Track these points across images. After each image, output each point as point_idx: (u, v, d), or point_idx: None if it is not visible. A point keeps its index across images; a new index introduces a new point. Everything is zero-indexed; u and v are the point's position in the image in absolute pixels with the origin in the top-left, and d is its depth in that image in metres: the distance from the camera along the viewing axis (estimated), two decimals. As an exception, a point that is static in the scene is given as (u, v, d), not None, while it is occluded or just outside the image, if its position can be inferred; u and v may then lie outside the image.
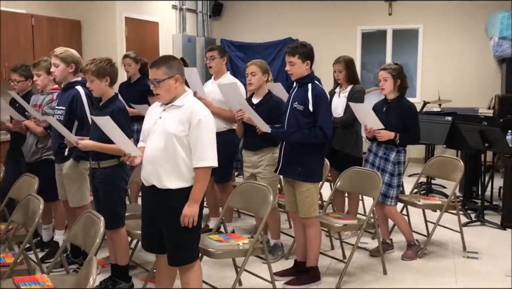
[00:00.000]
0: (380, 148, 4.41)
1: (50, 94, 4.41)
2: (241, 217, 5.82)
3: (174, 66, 3.07)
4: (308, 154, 3.79)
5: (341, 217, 4.30)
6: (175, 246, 3.10)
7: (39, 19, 6.34)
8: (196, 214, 3.03)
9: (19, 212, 3.51)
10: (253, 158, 4.39)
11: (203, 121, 3.00)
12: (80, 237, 3.02)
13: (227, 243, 3.58)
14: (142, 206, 3.32)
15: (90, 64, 3.55)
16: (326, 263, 4.38)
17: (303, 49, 3.78)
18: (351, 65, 4.90)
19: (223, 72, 4.98)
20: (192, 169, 3.03)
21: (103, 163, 3.64)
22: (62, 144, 3.97)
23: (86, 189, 4.10)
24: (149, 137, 3.11)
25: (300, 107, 3.77)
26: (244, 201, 3.86)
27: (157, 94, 3.09)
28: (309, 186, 3.82)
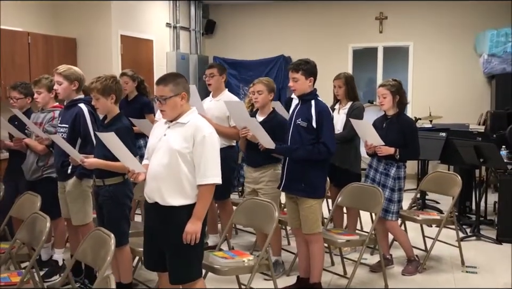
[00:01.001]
0: (380, 164, 4.46)
1: (51, 111, 4.41)
2: (238, 234, 5.82)
3: (180, 84, 3.10)
4: (311, 170, 3.82)
5: (343, 233, 4.34)
6: (177, 264, 3.09)
7: (35, 37, 6.35)
8: (199, 231, 3.03)
9: (24, 230, 3.48)
10: (254, 174, 4.41)
11: (207, 138, 3.02)
12: (90, 255, 3.00)
13: (232, 260, 3.58)
14: (145, 223, 3.31)
15: (96, 82, 3.57)
16: (328, 279, 4.40)
17: (306, 66, 3.84)
18: (350, 81, 4.98)
19: (221, 89, 5.02)
20: (195, 187, 3.03)
21: (108, 180, 3.64)
22: (65, 162, 3.96)
23: (89, 206, 4.09)
24: (154, 154, 3.12)
25: (303, 123, 3.81)
26: (247, 218, 3.87)
27: (162, 111, 3.11)
28: (313, 202, 3.85)
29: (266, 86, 4.38)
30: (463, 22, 8.76)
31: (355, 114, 4.78)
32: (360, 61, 9.57)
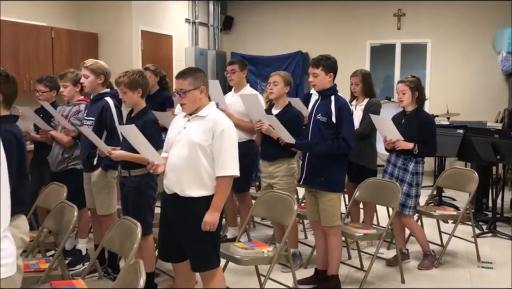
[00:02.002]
0: (398, 159, 4.52)
1: (77, 105, 4.53)
2: (256, 227, 5.90)
3: (199, 78, 3.19)
4: (331, 165, 3.90)
5: (360, 227, 4.41)
6: (197, 253, 3.20)
7: (58, 32, 6.47)
8: (217, 221, 3.14)
9: (51, 220, 3.60)
10: (269, 168, 4.49)
11: (226, 132, 3.11)
12: (117, 243, 3.11)
13: (252, 250, 3.67)
14: (161, 214, 3.40)
15: (123, 76, 3.68)
16: (345, 272, 4.47)
17: (326, 61, 3.91)
18: (368, 78, 5.03)
19: (243, 84, 5.10)
20: (214, 178, 3.13)
21: (133, 172, 3.75)
22: (91, 154, 4.08)
23: (114, 197, 4.21)
24: (173, 146, 3.21)
25: (323, 119, 3.89)
26: (267, 210, 3.95)
27: (182, 104, 3.21)
28: (332, 196, 3.93)
29: (282, 78, 4.44)
30: (482, 19, 8.74)
31: (372, 111, 4.83)
32: (378, 57, 9.58)
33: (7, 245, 1.95)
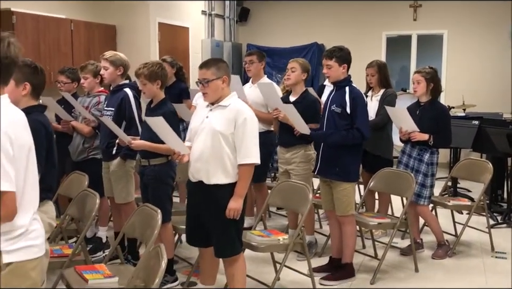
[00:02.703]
0: (414, 149, 4.56)
1: (97, 96, 4.64)
2: (272, 216, 5.99)
3: (222, 68, 3.28)
4: (345, 155, 3.96)
5: (375, 216, 4.47)
6: (221, 239, 3.31)
7: (77, 24, 6.59)
8: (240, 208, 3.24)
9: (74, 207, 3.71)
10: (286, 154, 4.56)
11: (248, 121, 3.20)
12: (138, 230, 3.22)
13: (268, 238, 3.76)
14: (188, 201, 3.52)
15: (143, 68, 3.77)
16: (359, 260, 4.54)
17: (340, 53, 3.96)
18: (383, 69, 5.07)
19: (260, 75, 5.18)
20: (236, 166, 3.22)
21: (153, 161, 3.85)
22: (111, 143, 4.19)
23: (132, 186, 4.31)
24: (196, 135, 3.31)
25: (338, 109, 3.94)
26: (283, 199, 4.04)
27: (205, 93, 3.29)
28: (346, 185, 3.99)
29: (300, 65, 4.51)
30: (498, 10, 8.68)
31: (388, 101, 4.88)
32: (394, 48, 9.58)
33: (37, 227, 2.06)
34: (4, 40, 1.96)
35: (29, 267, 2.03)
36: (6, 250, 1.96)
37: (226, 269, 3.42)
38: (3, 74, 1.98)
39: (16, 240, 1.98)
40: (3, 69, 1.97)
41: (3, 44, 1.95)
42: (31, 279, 2.04)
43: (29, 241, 2.02)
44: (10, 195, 1.90)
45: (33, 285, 2.06)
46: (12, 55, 1.97)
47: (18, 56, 2.00)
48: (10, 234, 1.97)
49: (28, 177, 2.01)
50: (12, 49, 1.97)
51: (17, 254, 1.99)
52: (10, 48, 1.97)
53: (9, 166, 1.89)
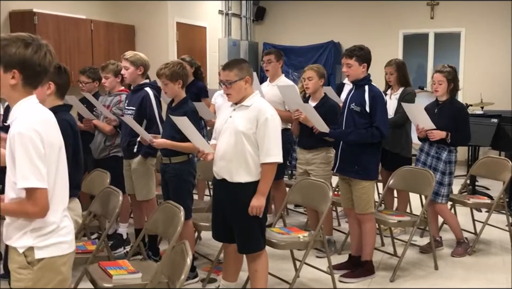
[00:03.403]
0: (432, 147, 4.56)
1: (118, 95, 4.70)
2: (289, 214, 6.02)
3: (244, 68, 3.32)
4: (364, 153, 3.97)
5: (394, 214, 4.48)
6: (244, 235, 3.36)
7: (97, 24, 6.68)
8: (263, 205, 3.28)
9: (97, 204, 3.77)
10: (307, 155, 4.58)
11: (270, 120, 3.23)
12: (160, 226, 3.27)
13: (288, 235, 3.80)
14: (213, 198, 3.59)
15: (164, 68, 3.82)
16: (378, 258, 4.55)
17: (360, 52, 3.97)
18: (402, 67, 5.07)
19: (278, 74, 5.21)
20: (259, 165, 3.27)
21: (174, 159, 3.90)
22: (132, 142, 4.25)
23: (153, 183, 4.37)
24: (220, 134, 3.36)
25: (357, 108, 3.96)
26: (303, 197, 4.06)
27: (228, 94, 3.34)
28: (365, 184, 4.01)
29: (316, 72, 4.53)
30: (517, 7, 8.63)
31: (406, 100, 4.88)
32: (410, 46, 9.54)
33: (67, 223, 2.12)
34: (41, 48, 2.03)
35: (60, 263, 2.08)
36: (38, 246, 2.03)
37: (249, 264, 3.47)
38: (31, 80, 2.05)
39: (48, 236, 2.04)
40: (34, 76, 2.03)
41: (40, 53, 2.01)
42: (62, 274, 2.10)
43: (60, 237, 2.08)
44: (42, 192, 1.95)
45: (63, 281, 2.11)
46: (46, 64, 2.04)
47: (51, 66, 2.07)
48: (42, 230, 2.03)
49: (59, 175, 2.07)
50: (47, 58, 2.04)
51: (49, 250, 2.05)
52: (46, 58, 2.04)
53: (41, 164, 1.95)
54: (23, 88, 2.04)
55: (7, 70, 2.00)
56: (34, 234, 2.02)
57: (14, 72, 2.00)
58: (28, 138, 1.94)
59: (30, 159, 1.92)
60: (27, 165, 1.92)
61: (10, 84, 2.02)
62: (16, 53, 1.98)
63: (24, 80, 2.02)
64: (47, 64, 2.05)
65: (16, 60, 1.99)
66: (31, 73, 2.02)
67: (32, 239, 2.02)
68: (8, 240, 2.08)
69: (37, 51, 2.01)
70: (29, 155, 1.92)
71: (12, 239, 2.06)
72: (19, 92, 2.04)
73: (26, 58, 1.99)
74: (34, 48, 2.01)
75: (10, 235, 2.06)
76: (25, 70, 2.01)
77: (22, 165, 1.92)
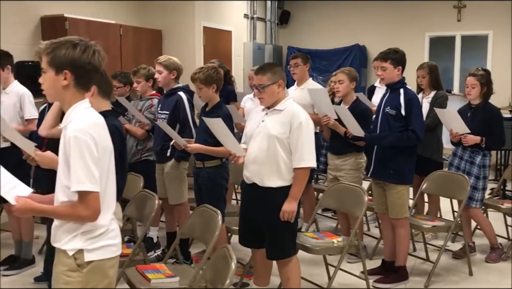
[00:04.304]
0: (465, 152, 4.50)
1: (150, 99, 4.72)
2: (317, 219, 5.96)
3: (277, 72, 3.31)
4: (399, 157, 3.93)
5: (428, 219, 4.43)
6: (274, 241, 3.32)
7: (126, 29, 6.74)
8: (295, 210, 3.26)
9: (132, 207, 3.79)
10: (336, 161, 4.56)
11: (304, 124, 3.21)
12: (197, 231, 3.28)
13: (322, 240, 3.77)
14: (242, 203, 3.57)
15: (199, 72, 3.84)
16: (411, 263, 4.49)
17: (395, 55, 3.94)
18: (435, 71, 5.02)
19: (306, 78, 5.19)
20: (291, 170, 3.24)
21: (207, 163, 3.91)
22: (165, 146, 4.27)
23: (185, 187, 4.39)
24: (252, 139, 3.34)
25: (392, 111, 3.92)
26: (336, 201, 4.03)
27: (261, 98, 3.33)
28: (400, 188, 3.97)
29: (347, 75, 4.49)
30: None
31: (439, 103, 4.83)
32: (437, 49, 9.45)
33: (115, 227, 2.14)
34: (89, 48, 2.06)
35: (108, 265, 2.10)
36: (87, 249, 2.04)
37: (280, 271, 3.44)
38: (83, 79, 2.08)
39: (97, 239, 2.06)
40: (85, 75, 2.06)
41: (88, 52, 2.05)
42: (109, 277, 2.11)
43: (108, 240, 2.09)
44: (95, 195, 1.97)
45: (110, 284, 2.13)
46: (95, 63, 2.07)
47: (101, 65, 2.09)
48: (92, 233, 2.05)
49: (109, 179, 2.09)
50: (96, 57, 2.07)
51: (98, 252, 2.06)
52: (95, 56, 2.07)
53: (94, 167, 1.97)
54: (75, 89, 2.08)
55: (58, 71, 2.04)
56: (84, 237, 2.04)
57: (65, 73, 2.04)
58: (83, 141, 1.96)
59: (85, 162, 1.95)
60: (82, 168, 1.94)
61: (63, 85, 2.06)
62: (65, 54, 2.03)
63: (76, 80, 2.06)
64: (97, 62, 2.09)
65: (66, 61, 2.03)
66: (81, 73, 2.06)
67: (82, 241, 2.04)
68: (57, 243, 2.10)
69: (85, 51, 2.06)
70: (83, 159, 1.95)
71: (61, 242, 2.07)
72: (72, 93, 2.08)
73: (75, 58, 2.04)
74: (82, 48, 2.06)
75: (60, 238, 2.08)
76: (76, 69, 2.04)
77: (77, 168, 1.95)
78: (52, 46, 2.05)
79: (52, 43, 2.06)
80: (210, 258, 2.78)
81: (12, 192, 2.07)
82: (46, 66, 2.07)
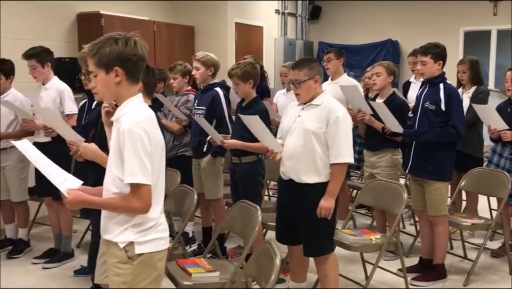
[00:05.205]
0: (505, 149, 4.42)
1: (185, 95, 4.76)
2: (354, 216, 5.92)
3: (314, 68, 3.28)
4: (439, 153, 3.88)
5: (467, 216, 4.36)
6: (311, 238, 3.31)
7: (159, 25, 6.79)
8: (332, 207, 3.22)
9: (170, 202, 3.82)
10: (372, 158, 4.50)
11: (341, 119, 3.17)
12: (238, 226, 3.28)
13: (360, 237, 3.74)
14: (278, 199, 3.55)
15: (236, 68, 3.84)
16: (448, 261, 4.42)
17: (435, 49, 3.89)
18: (475, 66, 4.94)
19: (340, 73, 5.15)
20: (328, 165, 3.20)
21: (244, 159, 3.92)
22: (202, 141, 4.29)
23: (221, 182, 4.41)
24: (288, 134, 3.32)
25: (432, 107, 3.87)
26: (374, 198, 3.99)
27: (297, 94, 3.31)
28: (439, 185, 3.91)
29: (385, 69, 4.44)
30: None
31: (480, 99, 4.75)
32: (471, 44, 9.28)
33: (164, 220, 2.17)
34: (130, 39, 2.07)
35: (157, 258, 2.12)
36: (138, 242, 2.07)
37: (317, 268, 3.42)
38: (132, 72, 2.10)
39: (148, 232, 2.08)
40: (133, 67, 2.08)
41: (130, 43, 2.06)
42: (158, 270, 2.14)
43: (158, 233, 2.12)
44: (147, 188, 2.00)
45: (158, 277, 2.15)
46: (140, 53, 2.08)
47: (145, 54, 2.11)
48: (143, 226, 2.07)
49: (160, 173, 2.11)
50: (138, 47, 2.08)
51: (148, 245, 2.09)
52: (137, 47, 2.08)
53: (147, 160, 1.99)
54: (127, 82, 2.10)
55: (108, 70, 2.06)
56: (135, 230, 2.07)
57: (116, 70, 2.06)
58: (136, 135, 1.99)
59: (138, 155, 1.97)
60: (135, 161, 1.97)
61: (116, 82, 2.07)
62: (111, 51, 2.05)
63: (127, 74, 2.08)
64: (141, 52, 2.10)
65: (113, 58, 2.05)
66: (130, 66, 2.07)
67: (133, 234, 2.07)
68: (108, 235, 2.13)
69: (127, 43, 2.07)
70: (137, 152, 1.97)
71: (113, 234, 2.10)
72: (125, 88, 2.10)
73: (120, 53, 2.05)
74: (123, 41, 2.06)
75: (111, 229, 2.11)
76: (124, 64, 2.06)
77: (130, 161, 1.97)
78: (96, 47, 2.07)
79: (94, 45, 2.08)
80: (253, 254, 2.78)
81: (63, 184, 2.10)
82: (95, 69, 2.09)
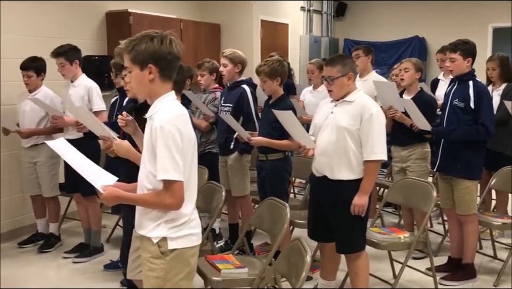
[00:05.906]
0: (537, 147, 4.35)
1: (213, 92, 4.78)
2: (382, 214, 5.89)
3: (347, 64, 3.27)
4: (468, 151, 3.83)
5: (497, 216, 4.31)
6: (343, 235, 3.30)
7: (186, 23, 6.83)
8: (366, 204, 3.21)
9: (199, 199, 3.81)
10: (402, 152, 4.45)
11: (374, 116, 3.15)
12: (266, 223, 3.30)
13: (389, 236, 3.73)
14: (311, 196, 3.54)
15: (264, 65, 3.85)
16: (478, 261, 4.37)
17: (465, 46, 3.84)
18: (506, 62, 4.87)
19: (368, 70, 5.13)
20: (362, 162, 3.19)
21: (270, 156, 3.93)
22: (229, 138, 4.32)
23: (248, 179, 4.43)
24: (321, 131, 3.31)
25: (461, 104, 3.82)
26: (403, 196, 3.96)
27: (330, 91, 3.30)
28: (468, 183, 3.86)
29: (414, 65, 4.41)
30: None
31: (510, 96, 4.67)
32: (500, 40, 9.12)
33: (196, 216, 2.20)
34: (165, 38, 2.10)
35: (189, 254, 2.15)
36: (171, 237, 2.10)
37: (349, 265, 3.41)
38: (166, 70, 2.12)
39: (180, 228, 2.11)
40: (168, 65, 2.10)
41: (165, 42, 2.08)
42: (190, 266, 2.16)
43: (190, 229, 2.14)
44: (179, 185, 2.02)
45: (191, 272, 2.18)
46: (175, 52, 2.10)
47: (180, 52, 2.13)
48: (175, 222, 2.10)
49: (192, 169, 2.14)
50: (174, 46, 2.10)
51: (181, 241, 2.11)
52: (173, 45, 2.11)
53: (179, 157, 2.02)
54: (160, 80, 2.12)
55: (143, 67, 2.09)
56: (168, 226, 2.10)
57: (150, 68, 2.08)
58: (168, 132, 2.01)
59: (170, 152, 2.00)
60: (167, 157, 2.00)
61: (149, 79, 2.10)
62: (146, 48, 2.07)
63: (160, 72, 2.10)
64: (176, 51, 2.12)
65: (148, 55, 2.07)
66: (164, 64, 2.10)
67: (166, 230, 2.10)
68: (142, 230, 2.17)
69: (163, 41, 2.09)
70: (169, 148, 2.00)
71: (146, 229, 2.14)
72: (158, 85, 2.13)
73: (155, 50, 2.07)
74: (159, 39, 2.09)
75: (145, 225, 2.14)
76: (158, 62, 2.08)
77: (163, 157, 2.00)
78: (132, 44, 2.10)
79: (130, 41, 2.11)
80: (282, 251, 2.79)
81: (98, 180, 2.14)
82: (130, 65, 2.12)
